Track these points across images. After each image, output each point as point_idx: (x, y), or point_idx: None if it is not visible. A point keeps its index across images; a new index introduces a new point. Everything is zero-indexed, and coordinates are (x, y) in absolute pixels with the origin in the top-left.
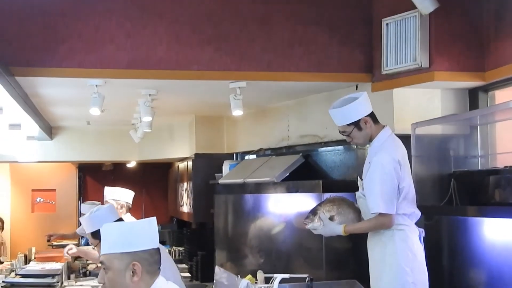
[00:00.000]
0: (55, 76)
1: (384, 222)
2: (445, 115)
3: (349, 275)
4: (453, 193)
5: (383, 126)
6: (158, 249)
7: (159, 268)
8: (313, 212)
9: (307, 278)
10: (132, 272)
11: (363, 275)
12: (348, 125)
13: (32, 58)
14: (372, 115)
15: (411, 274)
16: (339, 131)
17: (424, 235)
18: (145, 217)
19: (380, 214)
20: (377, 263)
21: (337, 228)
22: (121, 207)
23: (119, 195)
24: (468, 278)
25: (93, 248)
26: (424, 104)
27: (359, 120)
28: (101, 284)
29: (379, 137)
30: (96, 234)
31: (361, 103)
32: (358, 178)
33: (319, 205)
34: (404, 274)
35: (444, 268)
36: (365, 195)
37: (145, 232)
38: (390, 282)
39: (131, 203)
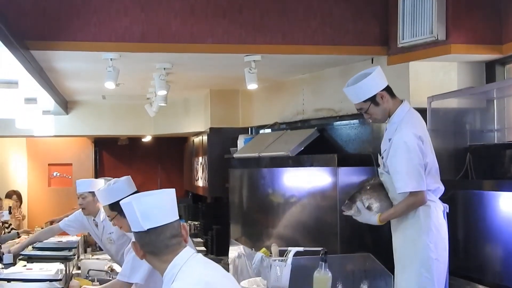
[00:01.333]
0: (70, 50)
1: (416, 201)
2: (461, 88)
3: (364, 249)
4: (469, 167)
5: (401, 101)
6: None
7: (181, 241)
8: (352, 199)
9: (321, 251)
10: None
11: (378, 249)
12: (365, 101)
13: (47, 31)
14: (388, 89)
15: (434, 250)
16: (357, 109)
17: (448, 211)
18: None
19: (410, 193)
20: (401, 239)
21: (373, 218)
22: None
23: (95, 185)
24: (483, 252)
25: (110, 221)
26: (440, 77)
27: (375, 96)
28: None
29: (398, 112)
30: (113, 207)
31: (375, 77)
32: (378, 155)
33: (358, 191)
34: (427, 250)
35: (459, 243)
36: (391, 175)
37: (165, 205)
38: (413, 258)
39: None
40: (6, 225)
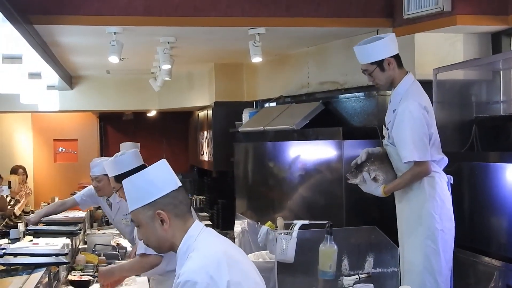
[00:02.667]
0: (73, 24)
1: (421, 171)
2: (467, 60)
3: (369, 222)
4: (475, 139)
5: (407, 72)
6: (180, 188)
7: (190, 208)
8: (359, 168)
9: (327, 224)
10: (161, 221)
11: (384, 222)
12: (371, 64)
13: (50, 5)
14: (397, 58)
15: (439, 220)
16: (362, 70)
17: (452, 182)
18: None
19: (415, 163)
20: (405, 210)
21: (377, 190)
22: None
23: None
24: (489, 224)
25: (115, 193)
26: (446, 49)
27: (382, 60)
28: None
29: (403, 83)
30: (119, 178)
31: (387, 43)
32: (383, 127)
33: (366, 161)
34: (433, 221)
35: (465, 215)
36: (396, 145)
37: (159, 177)
38: (418, 228)
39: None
40: (8, 199)
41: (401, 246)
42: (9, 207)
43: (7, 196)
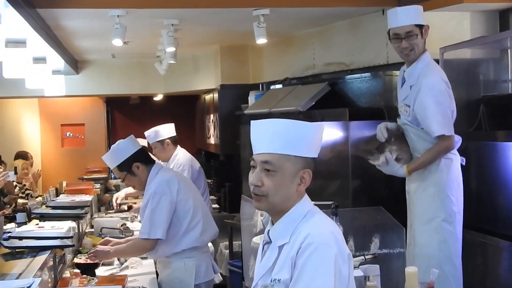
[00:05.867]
0: (75, 7)
1: (448, 145)
2: (474, 38)
3: (375, 203)
4: (483, 118)
5: (425, 49)
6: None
7: None
8: (380, 149)
9: (333, 205)
10: (300, 180)
11: (389, 203)
12: (416, 25)
13: None
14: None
15: (456, 203)
16: (403, 33)
17: (464, 164)
18: None
19: (441, 138)
20: (419, 191)
21: (401, 170)
22: (167, 145)
23: (160, 134)
24: (497, 204)
25: (122, 182)
26: (452, 27)
27: (423, 26)
28: (253, 186)
29: (423, 58)
30: (122, 167)
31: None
32: (401, 103)
33: (387, 141)
34: (450, 204)
35: (472, 194)
36: (421, 120)
37: (318, 139)
38: (435, 212)
39: (174, 135)
40: (20, 185)
41: (411, 228)
42: (21, 200)
43: (13, 182)
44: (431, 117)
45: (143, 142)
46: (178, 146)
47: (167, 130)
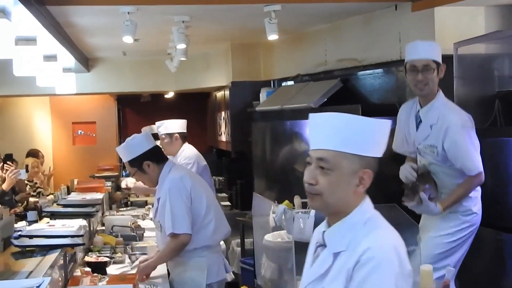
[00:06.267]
0: (85, 4)
1: (481, 180)
2: (488, 33)
3: (390, 200)
4: (498, 114)
5: (438, 89)
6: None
7: None
8: (413, 190)
9: None
10: (359, 181)
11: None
12: (434, 61)
13: None
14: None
15: (477, 203)
16: (420, 66)
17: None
18: None
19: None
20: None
21: (436, 209)
22: (176, 139)
23: (171, 127)
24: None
25: (132, 176)
26: (466, 22)
27: (440, 64)
28: (307, 184)
29: (440, 97)
30: (133, 163)
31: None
32: (423, 144)
33: (418, 180)
34: (470, 203)
35: (488, 191)
36: (455, 159)
37: (380, 136)
38: (455, 211)
39: (185, 131)
40: (31, 183)
41: (424, 226)
42: (33, 198)
43: (24, 180)
44: (468, 157)
45: (181, 125)
46: (186, 143)
47: (178, 124)
